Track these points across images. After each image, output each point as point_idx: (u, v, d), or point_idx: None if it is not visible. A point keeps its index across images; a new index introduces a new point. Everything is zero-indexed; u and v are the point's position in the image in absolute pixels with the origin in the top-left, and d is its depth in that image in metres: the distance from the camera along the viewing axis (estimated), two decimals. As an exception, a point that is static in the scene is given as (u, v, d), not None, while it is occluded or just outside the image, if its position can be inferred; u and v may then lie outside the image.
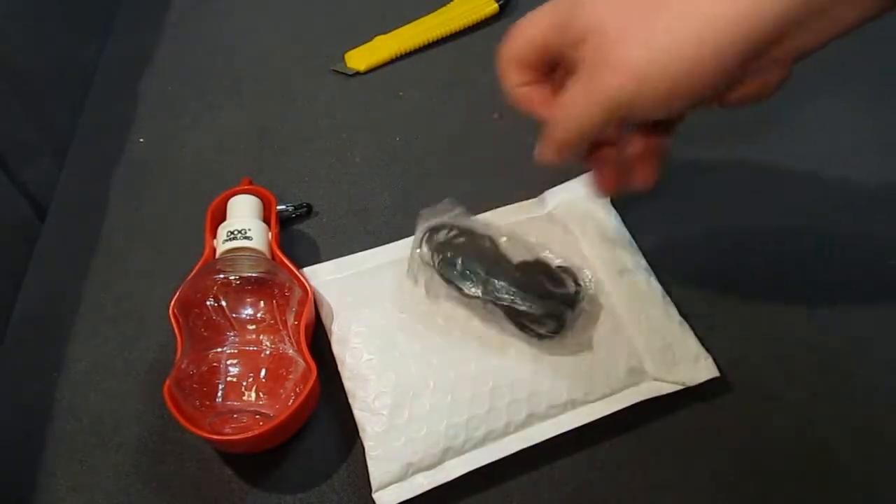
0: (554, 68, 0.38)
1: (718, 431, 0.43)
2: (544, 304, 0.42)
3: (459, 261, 0.43)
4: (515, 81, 0.40)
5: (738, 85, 0.34)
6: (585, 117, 0.35)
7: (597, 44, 0.34)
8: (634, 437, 0.43)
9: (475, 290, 0.42)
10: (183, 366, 0.42)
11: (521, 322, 0.42)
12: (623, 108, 0.34)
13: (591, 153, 0.40)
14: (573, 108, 0.36)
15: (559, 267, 0.44)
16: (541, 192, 0.52)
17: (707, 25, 0.31)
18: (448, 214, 0.45)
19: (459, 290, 0.43)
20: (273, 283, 0.45)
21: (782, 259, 0.50)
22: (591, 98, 0.34)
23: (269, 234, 0.48)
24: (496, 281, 0.42)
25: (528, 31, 0.38)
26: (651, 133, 0.39)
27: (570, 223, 0.48)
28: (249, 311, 0.45)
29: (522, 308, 0.41)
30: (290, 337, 0.44)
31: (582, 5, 0.35)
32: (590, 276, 0.44)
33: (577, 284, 0.43)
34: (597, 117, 0.35)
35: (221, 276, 0.45)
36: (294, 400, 0.40)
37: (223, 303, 0.45)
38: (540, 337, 0.42)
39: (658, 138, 0.39)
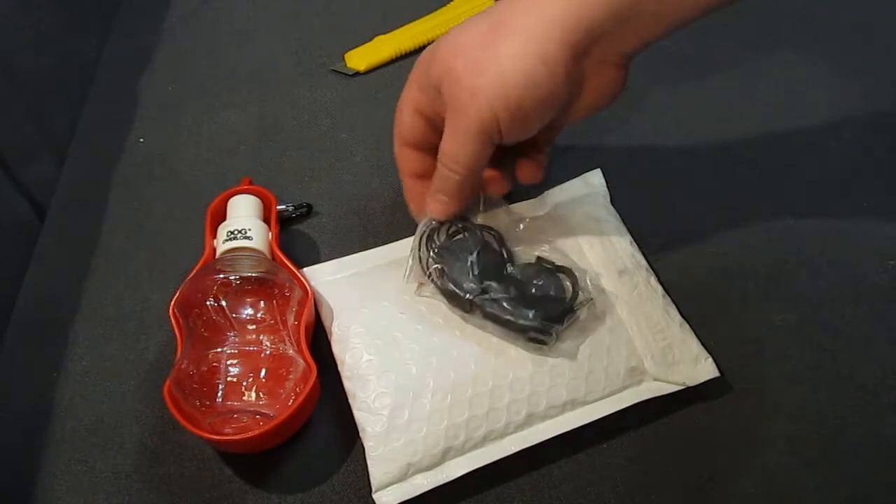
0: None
1: (718, 431, 0.43)
2: (539, 313, 0.41)
3: (456, 268, 0.43)
4: (407, 169, 0.45)
5: (580, 91, 0.39)
6: (465, 151, 0.39)
7: (451, 85, 0.38)
8: (634, 437, 0.43)
9: (466, 306, 0.43)
10: (183, 366, 0.42)
11: (515, 329, 0.42)
12: (491, 131, 0.38)
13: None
14: (452, 147, 0.40)
15: (559, 267, 0.44)
16: (541, 192, 0.52)
17: (532, 39, 0.37)
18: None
19: (454, 300, 0.43)
20: (273, 283, 0.45)
21: (782, 259, 0.50)
22: (462, 131, 0.39)
23: (269, 234, 0.48)
24: (491, 294, 0.42)
25: (403, 106, 0.43)
26: (527, 155, 0.45)
27: (571, 223, 0.48)
28: (249, 311, 0.45)
29: (519, 323, 0.41)
30: (290, 337, 0.44)
31: (432, 60, 0.40)
32: (589, 279, 0.44)
33: (575, 289, 0.43)
34: (474, 147, 0.39)
35: (221, 276, 0.45)
36: (294, 400, 0.40)
37: (223, 303, 0.45)
38: (534, 342, 0.42)
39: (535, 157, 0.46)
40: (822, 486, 0.41)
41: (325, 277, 0.47)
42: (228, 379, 0.43)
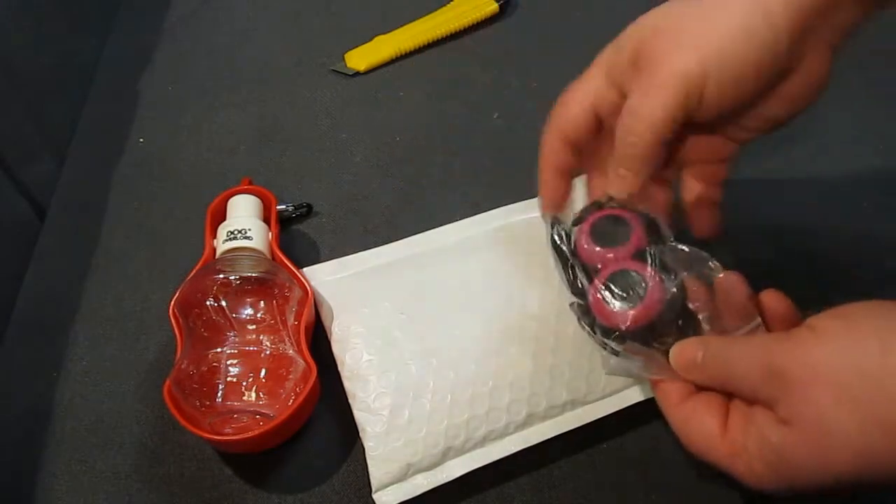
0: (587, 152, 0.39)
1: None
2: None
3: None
4: (553, 162, 0.40)
5: (797, 69, 0.34)
6: (658, 110, 0.34)
7: (656, 43, 0.34)
8: (635, 437, 0.43)
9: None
10: (183, 366, 0.42)
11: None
12: (693, 88, 0.33)
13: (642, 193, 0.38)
14: (644, 105, 0.34)
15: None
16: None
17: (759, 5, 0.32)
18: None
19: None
20: (273, 283, 0.45)
21: (782, 259, 0.49)
22: (658, 84, 0.34)
23: (269, 234, 0.48)
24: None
25: (574, 97, 0.38)
26: (708, 161, 0.40)
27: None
28: (249, 311, 0.45)
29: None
30: (290, 337, 0.44)
31: (629, 35, 0.36)
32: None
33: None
34: (669, 108, 0.34)
35: (221, 276, 0.45)
36: (294, 400, 0.40)
37: (223, 303, 0.45)
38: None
39: (715, 175, 0.41)
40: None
41: (325, 277, 0.47)
42: (228, 379, 0.43)
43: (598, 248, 0.37)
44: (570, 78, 0.39)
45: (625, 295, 0.35)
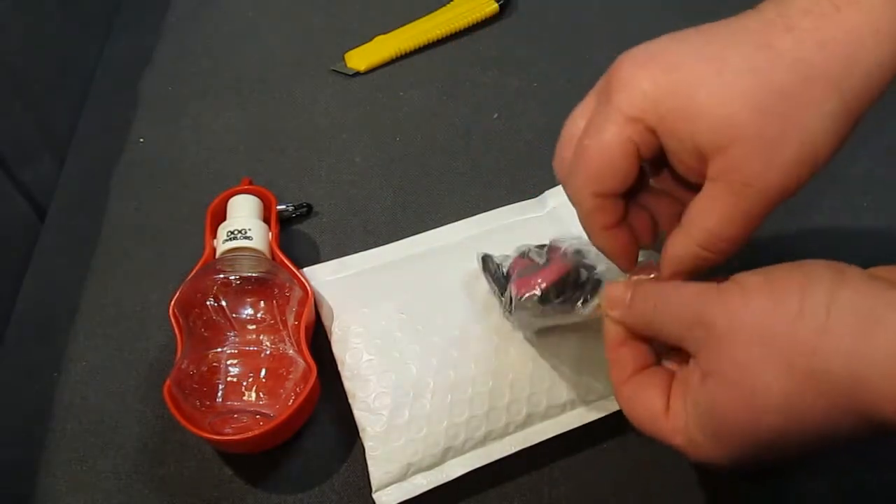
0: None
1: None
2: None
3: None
4: (609, 222, 0.34)
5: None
6: (745, 231, 0.32)
7: (739, 157, 0.29)
8: (634, 438, 0.43)
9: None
10: (183, 366, 0.42)
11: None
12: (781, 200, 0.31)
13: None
14: (726, 228, 0.31)
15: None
16: (541, 191, 0.52)
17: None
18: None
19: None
20: (273, 283, 0.45)
21: (782, 259, 0.49)
22: (746, 210, 0.31)
23: (269, 234, 0.48)
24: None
25: (608, 151, 0.31)
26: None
27: (571, 222, 0.48)
28: (249, 311, 0.45)
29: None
30: (290, 337, 0.44)
31: (685, 103, 0.29)
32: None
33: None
34: (757, 216, 0.31)
35: (221, 276, 0.45)
36: (294, 400, 0.40)
37: (223, 303, 0.45)
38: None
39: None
40: (824, 485, 0.41)
41: (325, 277, 0.47)
42: (228, 379, 0.43)
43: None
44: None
45: (534, 268, 0.39)
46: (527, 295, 0.38)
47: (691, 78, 0.29)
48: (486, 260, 0.43)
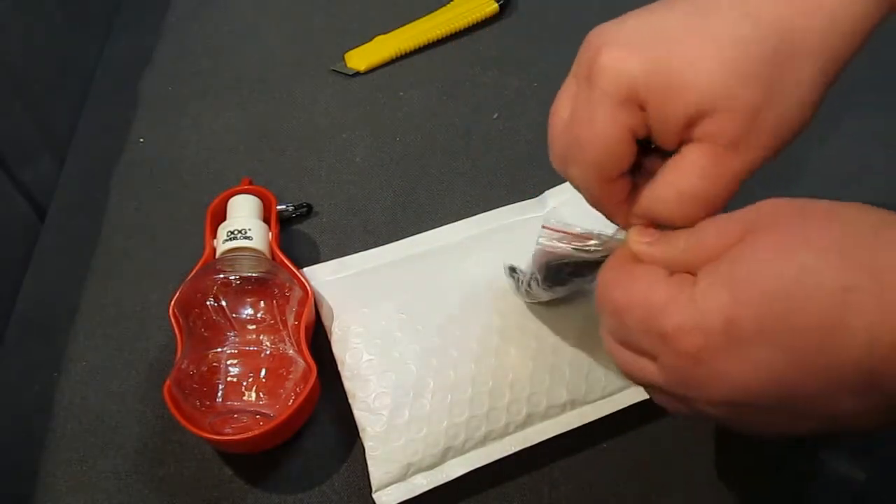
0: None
1: (718, 431, 0.43)
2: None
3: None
4: (619, 199, 0.34)
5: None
6: (729, 190, 0.32)
7: (725, 122, 0.29)
8: (634, 437, 0.43)
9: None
10: (183, 366, 0.42)
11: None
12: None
13: None
14: (707, 187, 0.31)
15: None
16: (541, 191, 0.52)
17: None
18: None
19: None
20: (273, 283, 0.45)
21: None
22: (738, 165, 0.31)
23: (269, 234, 0.48)
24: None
25: (604, 136, 0.31)
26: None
27: (571, 222, 0.48)
28: (249, 311, 0.45)
29: None
30: (290, 337, 0.44)
31: (674, 78, 0.29)
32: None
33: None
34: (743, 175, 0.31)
35: (221, 276, 0.45)
36: (294, 400, 0.40)
37: (223, 303, 0.45)
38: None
39: None
40: (824, 485, 0.41)
41: (325, 277, 0.47)
42: (228, 379, 0.43)
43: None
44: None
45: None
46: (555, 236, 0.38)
47: (676, 52, 0.30)
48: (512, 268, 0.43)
